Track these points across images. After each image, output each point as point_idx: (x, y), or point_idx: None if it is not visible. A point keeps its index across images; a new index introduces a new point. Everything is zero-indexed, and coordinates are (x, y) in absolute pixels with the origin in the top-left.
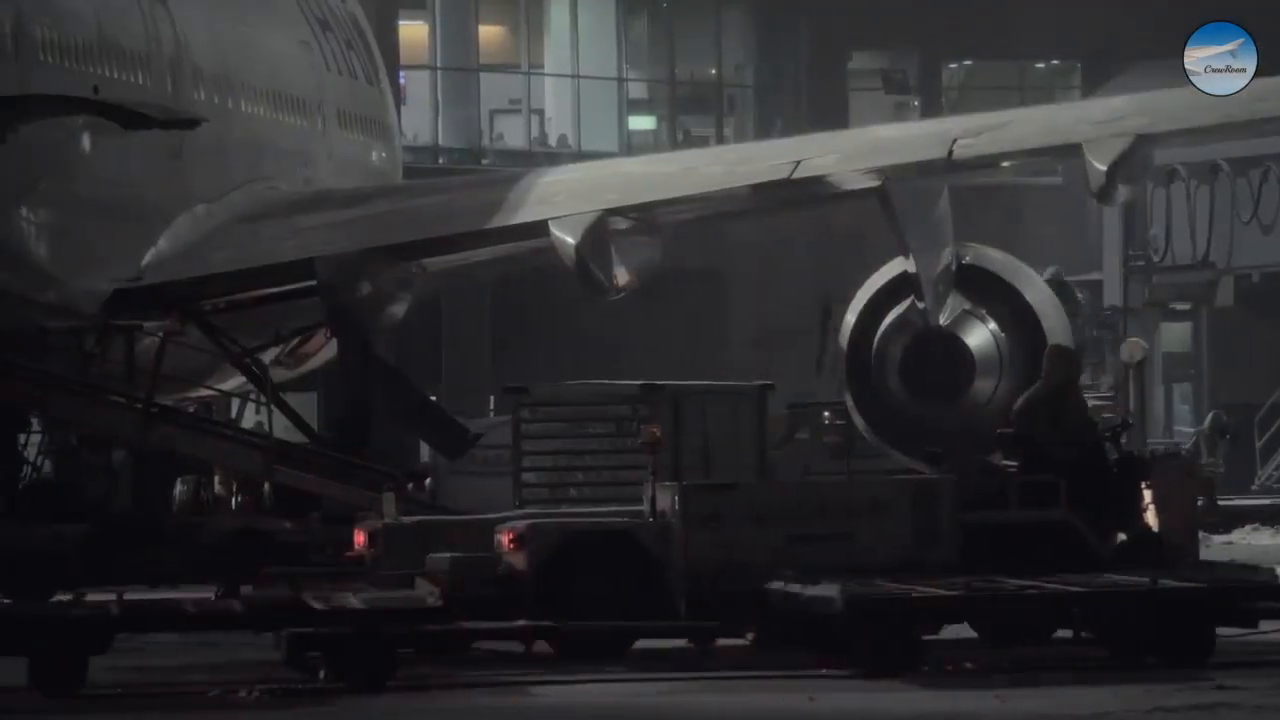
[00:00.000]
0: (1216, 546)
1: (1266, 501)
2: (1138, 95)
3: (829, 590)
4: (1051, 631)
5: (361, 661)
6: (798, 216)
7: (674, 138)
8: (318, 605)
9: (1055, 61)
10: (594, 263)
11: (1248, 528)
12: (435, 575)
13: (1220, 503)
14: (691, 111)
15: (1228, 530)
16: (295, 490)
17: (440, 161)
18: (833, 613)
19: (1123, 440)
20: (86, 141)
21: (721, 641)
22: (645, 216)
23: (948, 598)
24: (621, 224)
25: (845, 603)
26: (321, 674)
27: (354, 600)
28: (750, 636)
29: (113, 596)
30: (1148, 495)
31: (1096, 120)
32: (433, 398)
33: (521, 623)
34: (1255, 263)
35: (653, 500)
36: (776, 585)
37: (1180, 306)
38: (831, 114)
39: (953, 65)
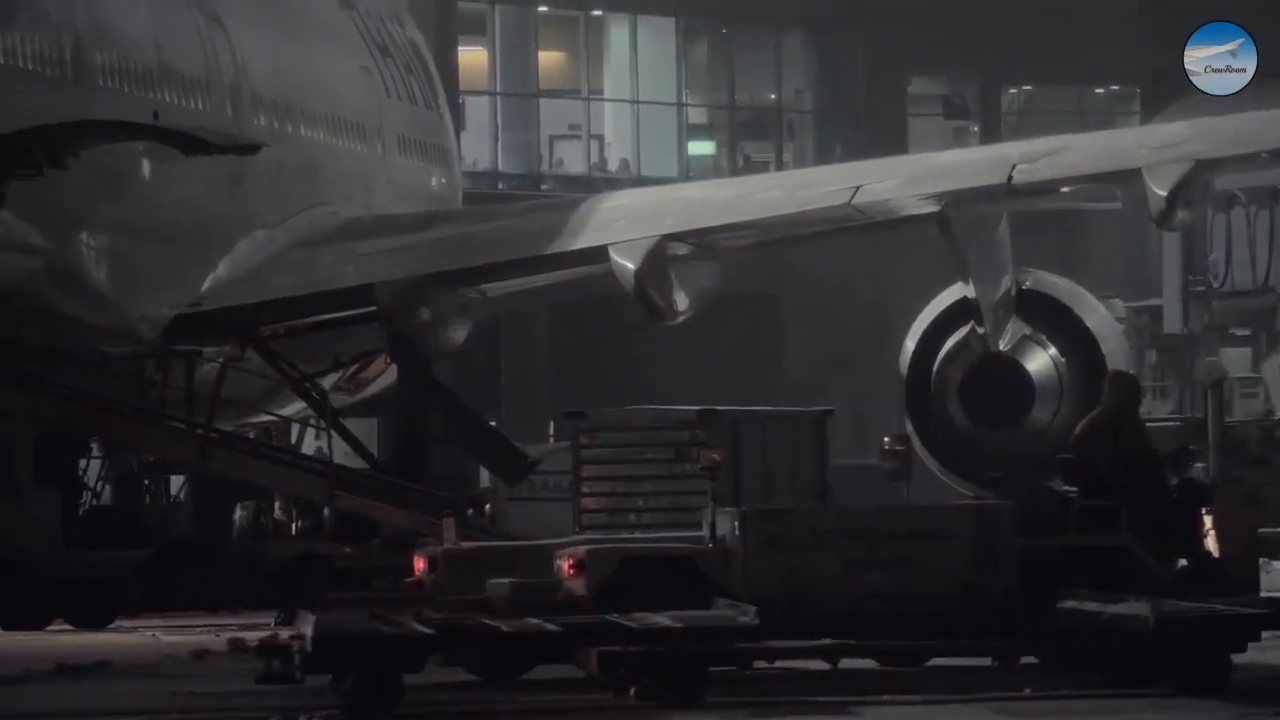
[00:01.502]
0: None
1: None
2: (1197, 120)
3: (1139, 608)
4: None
5: (674, 680)
6: (857, 242)
7: (733, 163)
8: (631, 624)
9: (1115, 87)
10: (653, 288)
11: None
12: (495, 600)
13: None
14: (751, 137)
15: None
16: (355, 515)
17: (500, 187)
18: (1142, 631)
19: (1185, 466)
20: (146, 167)
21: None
22: (704, 241)
23: (1258, 617)
24: (681, 249)
25: (1157, 621)
26: (632, 692)
27: (666, 619)
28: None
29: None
30: (1208, 521)
31: (1156, 145)
32: (492, 423)
33: (826, 641)
34: None
35: (712, 525)
36: (1070, 604)
37: (1240, 332)
38: (891, 139)
39: (1012, 90)
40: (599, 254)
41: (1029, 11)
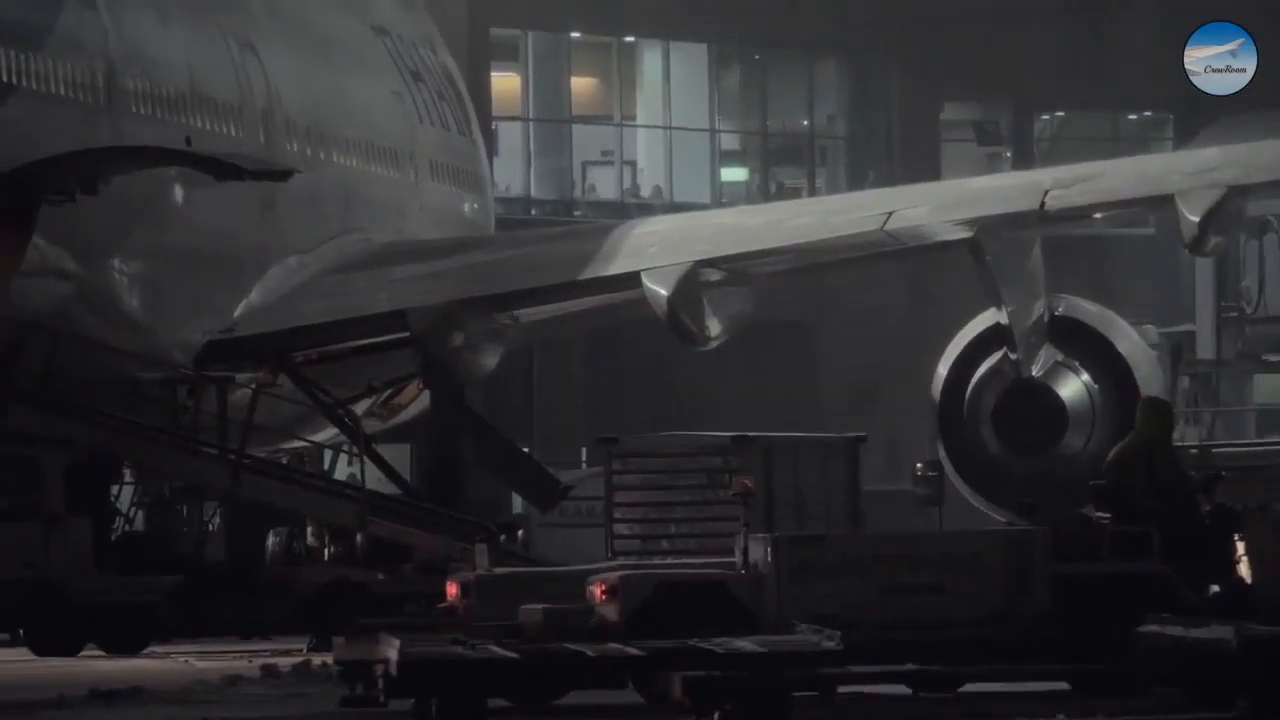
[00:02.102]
0: None
1: None
2: (1230, 147)
3: (1222, 632)
4: None
5: (758, 705)
6: (889, 267)
7: (766, 189)
8: (716, 649)
9: (1148, 113)
10: (686, 314)
11: None
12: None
13: None
14: (783, 163)
15: None
16: (388, 541)
17: (532, 213)
18: (1226, 654)
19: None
20: (179, 193)
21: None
22: (737, 267)
23: None
24: (713, 275)
25: (1240, 644)
26: (716, 717)
27: (750, 644)
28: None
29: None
30: (1240, 547)
31: (1189, 171)
32: (525, 449)
33: (910, 665)
34: None
35: (745, 551)
36: (1151, 627)
37: (1273, 358)
38: (923, 165)
39: (1045, 116)
40: (632, 280)
41: (1062, 37)
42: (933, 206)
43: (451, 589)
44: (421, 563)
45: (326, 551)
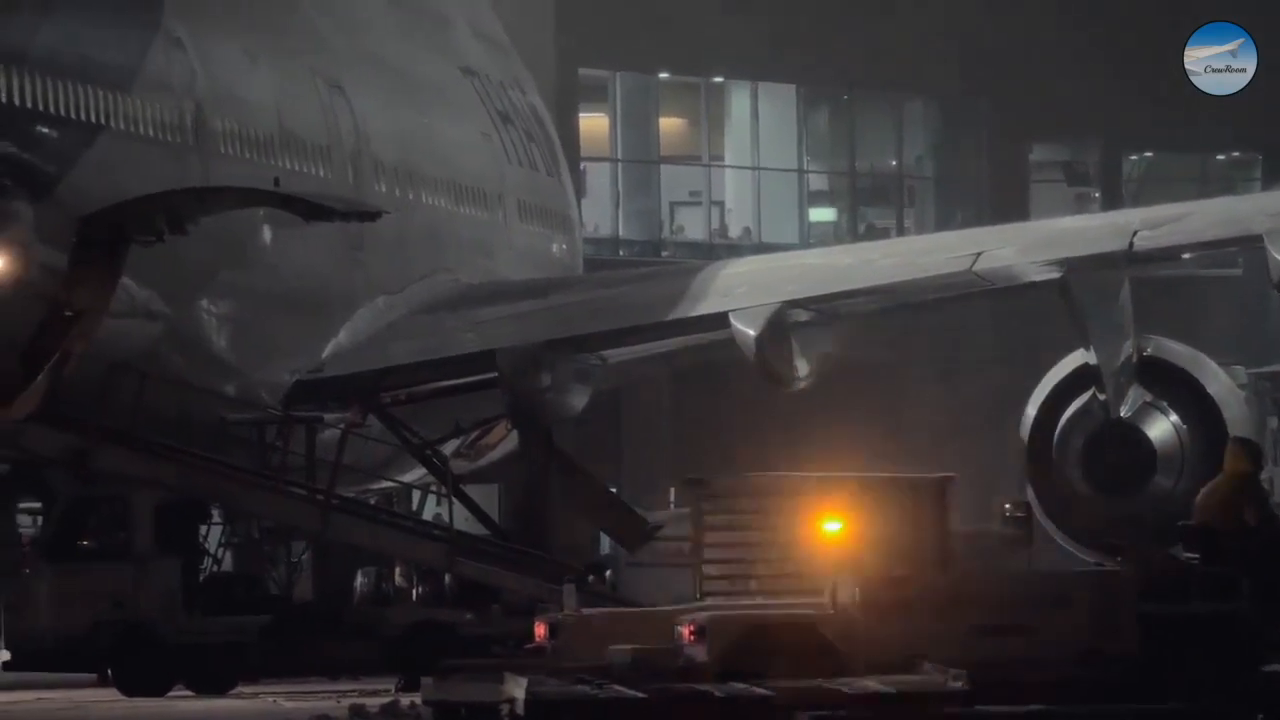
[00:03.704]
0: None
1: None
2: None
3: None
4: None
5: None
6: (976, 308)
7: (854, 229)
8: (844, 689)
9: (1236, 154)
10: (774, 354)
11: None
12: (616, 667)
13: None
14: (872, 203)
15: None
16: (476, 582)
17: (621, 253)
18: None
19: None
20: (268, 233)
21: None
22: (825, 308)
23: None
24: (801, 316)
25: None
26: None
27: (876, 684)
28: None
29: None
30: None
31: (1276, 212)
32: (613, 489)
33: (1036, 707)
34: None
35: (834, 592)
36: (1276, 667)
37: None
38: (1012, 205)
39: (1134, 157)
40: (719, 320)
41: (1150, 78)
42: (1021, 247)
43: (539, 630)
44: (509, 603)
45: (414, 592)
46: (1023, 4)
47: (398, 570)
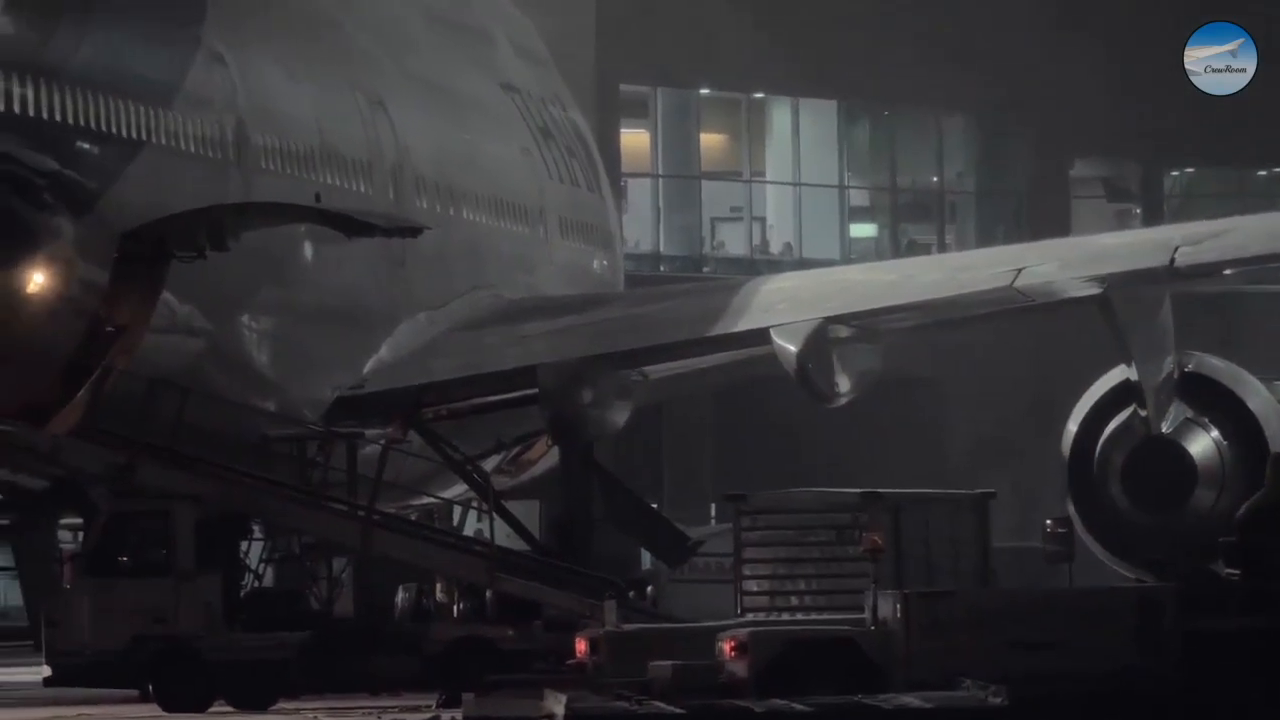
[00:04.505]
0: None
1: None
2: None
3: None
4: None
5: None
6: (1017, 323)
7: (895, 245)
8: (882, 705)
9: (1277, 169)
10: (815, 370)
11: None
12: (657, 682)
13: None
14: (913, 219)
15: None
16: (517, 598)
17: (662, 269)
18: None
19: None
20: (309, 249)
21: None
22: (866, 324)
23: None
24: (842, 331)
25: None
26: None
27: (915, 699)
28: None
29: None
30: None
31: None
32: (654, 505)
33: None
34: None
35: (874, 608)
36: None
37: None
38: (1053, 221)
39: (1174, 173)
40: (761, 336)
41: (1190, 95)
42: (1062, 263)
43: (580, 645)
44: (551, 619)
45: (455, 608)
46: (1064, 22)
47: (439, 586)
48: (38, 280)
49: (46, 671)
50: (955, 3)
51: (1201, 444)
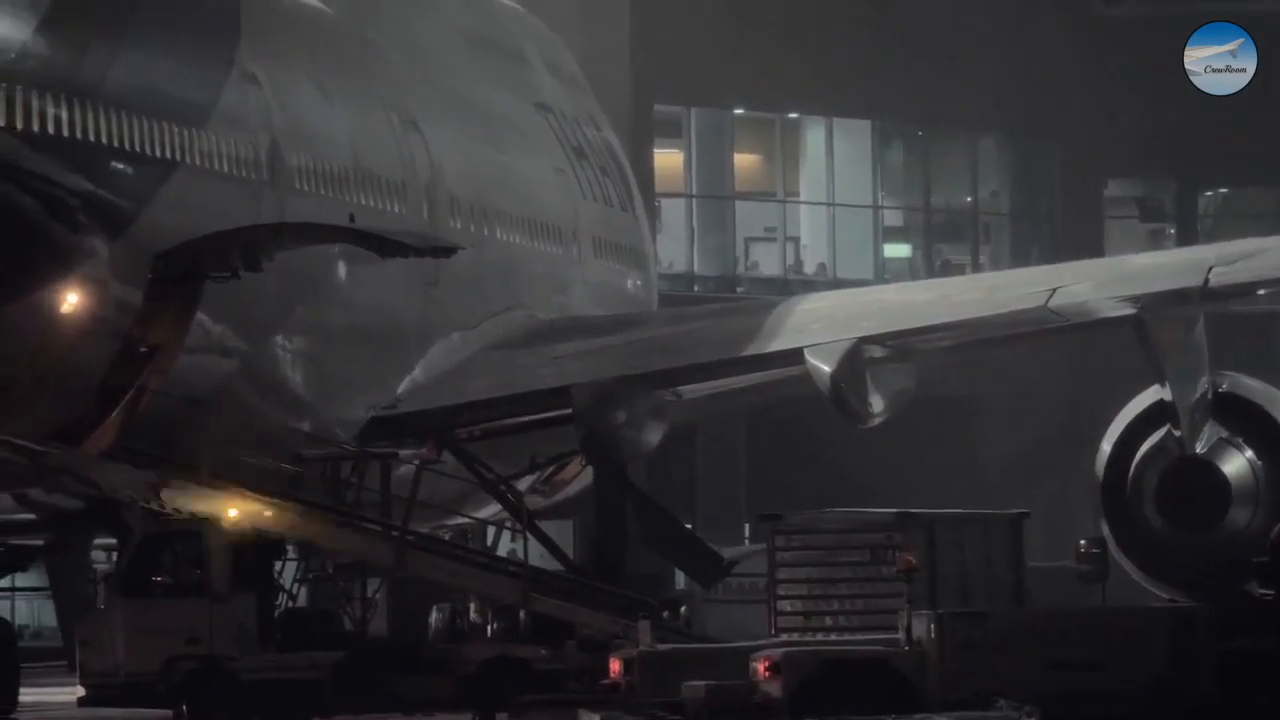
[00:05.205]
0: None
1: None
2: None
3: None
4: None
5: None
6: (1051, 344)
7: (929, 265)
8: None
9: None
10: (849, 390)
11: None
12: (691, 702)
13: None
14: (947, 239)
15: None
16: (551, 618)
17: (695, 289)
18: None
19: None
20: (343, 269)
21: None
22: (900, 344)
23: None
24: (876, 352)
25: None
26: None
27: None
28: None
29: None
30: None
31: None
32: (688, 525)
33: None
34: None
35: (908, 628)
36: None
37: None
38: (1087, 241)
39: (1209, 193)
40: (795, 356)
41: (1225, 114)
42: (1096, 283)
43: (614, 665)
44: (584, 639)
45: (489, 628)
46: (1097, 41)
47: (472, 606)
48: (72, 301)
49: (80, 692)
50: (989, 23)
51: (1235, 464)
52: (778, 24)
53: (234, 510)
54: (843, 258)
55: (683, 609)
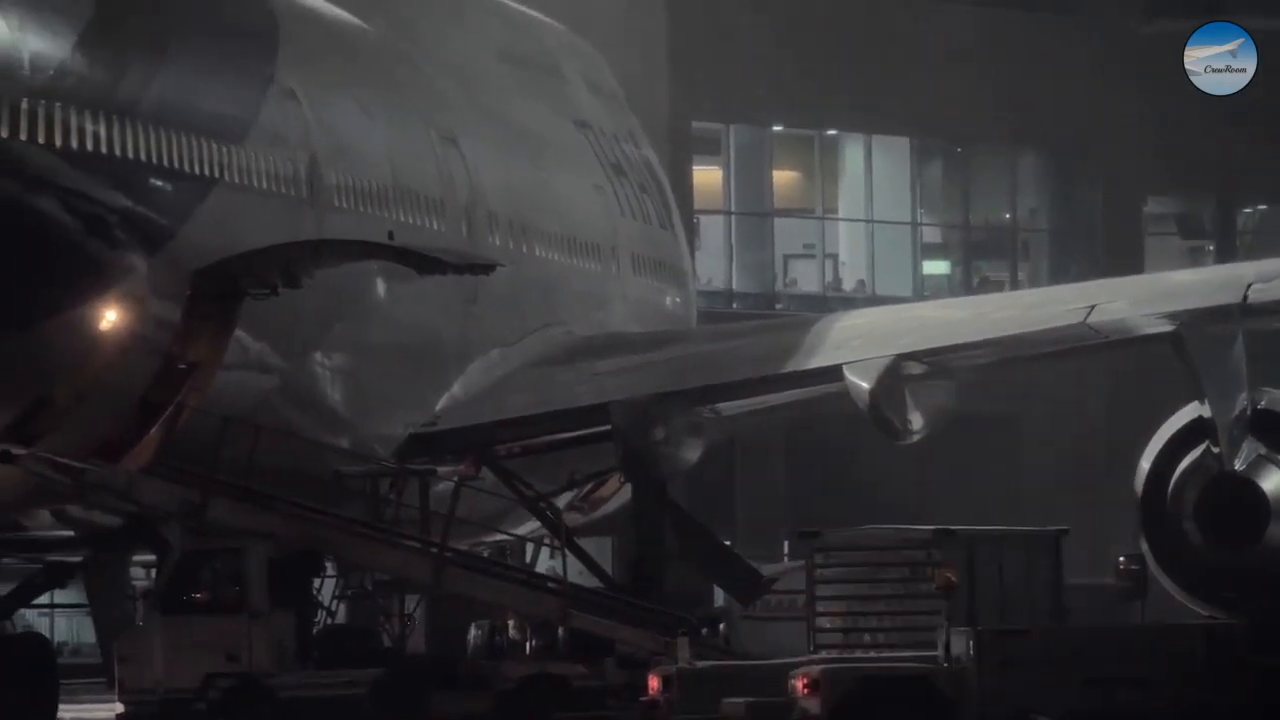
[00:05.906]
0: None
1: None
2: None
3: None
4: None
5: None
6: (1091, 361)
7: (968, 282)
8: None
9: None
10: (888, 407)
11: None
12: None
13: None
14: (986, 256)
15: None
16: (589, 634)
17: (734, 306)
18: None
19: None
20: (382, 286)
21: None
22: (939, 361)
23: None
24: (916, 368)
25: None
26: None
27: None
28: None
29: None
30: None
31: None
32: (726, 542)
33: None
34: None
35: (947, 645)
36: None
37: None
38: (1126, 258)
39: (1248, 210)
40: (834, 373)
41: (1264, 131)
42: (1135, 300)
43: (653, 682)
44: (623, 656)
45: (528, 645)
46: (1135, 58)
47: (511, 623)
48: (111, 318)
49: (120, 709)
50: (1027, 41)
51: (1274, 480)
52: (816, 41)
53: (273, 527)
54: (881, 275)
55: (721, 626)
